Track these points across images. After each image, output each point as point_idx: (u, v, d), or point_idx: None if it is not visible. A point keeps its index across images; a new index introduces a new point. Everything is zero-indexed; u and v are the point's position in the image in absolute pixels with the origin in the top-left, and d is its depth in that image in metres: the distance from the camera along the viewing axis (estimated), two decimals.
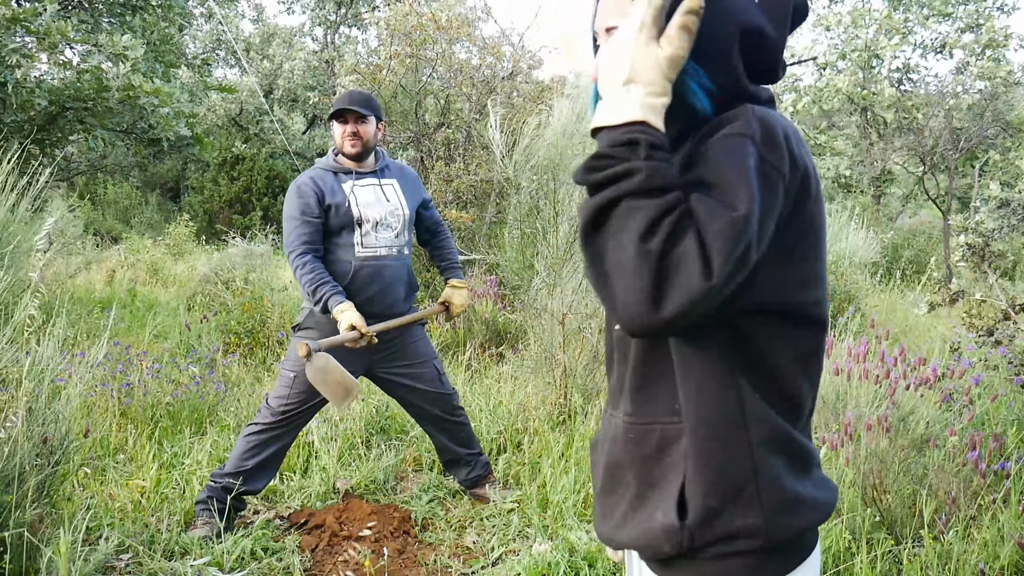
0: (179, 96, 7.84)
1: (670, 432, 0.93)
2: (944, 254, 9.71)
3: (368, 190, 2.77)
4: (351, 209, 2.70)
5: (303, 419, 2.80)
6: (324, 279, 2.62)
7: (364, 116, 2.73)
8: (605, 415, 1.06)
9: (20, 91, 6.30)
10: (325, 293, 2.59)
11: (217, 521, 2.66)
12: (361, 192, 2.75)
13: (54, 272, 6.69)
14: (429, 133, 6.35)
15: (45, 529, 2.23)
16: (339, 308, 2.58)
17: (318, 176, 2.73)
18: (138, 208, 16.44)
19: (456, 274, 3.03)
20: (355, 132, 2.73)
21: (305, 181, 2.70)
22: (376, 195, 2.77)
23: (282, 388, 2.73)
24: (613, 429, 1.01)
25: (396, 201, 2.82)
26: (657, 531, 0.91)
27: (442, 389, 2.93)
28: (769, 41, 0.95)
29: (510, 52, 6.38)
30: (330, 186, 2.71)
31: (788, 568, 0.92)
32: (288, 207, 2.70)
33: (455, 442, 3.00)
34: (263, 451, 2.73)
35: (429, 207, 3.04)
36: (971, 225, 3.26)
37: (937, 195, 11.42)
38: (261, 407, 2.79)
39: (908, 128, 11.05)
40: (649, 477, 0.94)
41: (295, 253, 2.64)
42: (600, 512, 1.03)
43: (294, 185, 2.71)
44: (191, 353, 4.83)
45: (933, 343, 4.10)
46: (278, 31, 19.71)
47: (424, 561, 2.61)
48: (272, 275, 7.00)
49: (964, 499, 2.30)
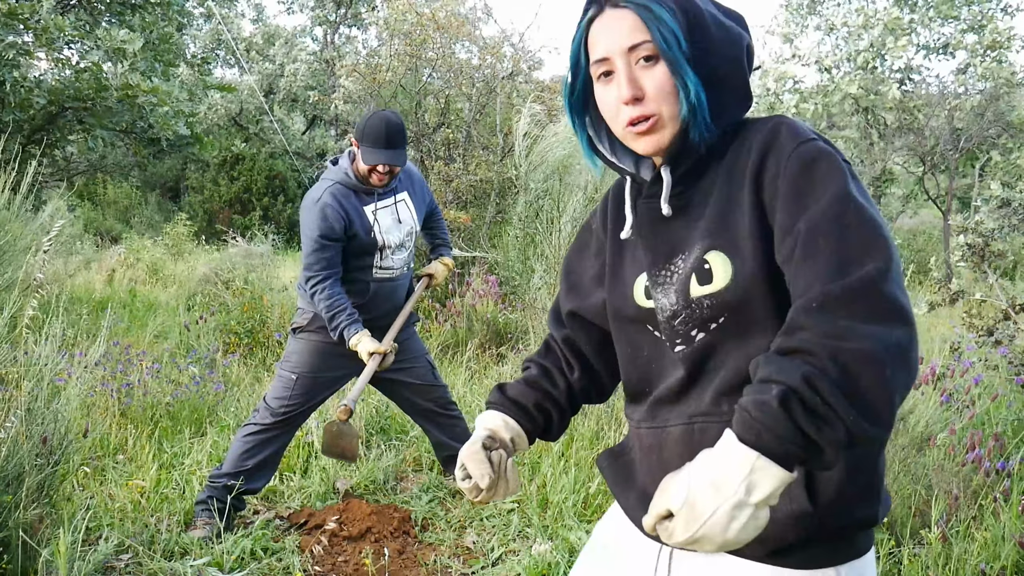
0: (178, 95, 7.84)
1: None
2: (944, 254, 9.71)
3: (386, 212, 2.71)
4: (376, 237, 2.66)
5: (302, 419, 2.82)
6: (341, 307, 2.60)
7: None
8: (645, 429, 1.03)
9: (19, 90, 6.30)
10: (341, 323, 2.61)
11: (217, 521, 2.66)
12: (382, 216, 2.69)
13: (54, 272, 6.68)
14: (429, 133, 6.35)
15: (45, 529, 2.23)
16: (354, 341, 2.62)
17: (341, 195, 2.59)
18: (138, 208, 16.44)
19: (447, 252, 3.09)
20: (389, 171, 2.62)
21: (330, 203, 2.56)
22: (393, 217, 2.73)
23: (282, 390, 2.72)
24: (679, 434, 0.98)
25: (409, 218, 2.81)
26: (783, 520, 0.88)
27: (435, 382, 2.98)
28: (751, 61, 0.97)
29: (510, 52, 6.37)
30: (355, 208, 2.61)
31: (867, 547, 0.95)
32: (310, 227, 2.57)
33: (450, 437, 3.02)
34: (262, 451, 2.73)
35: (433, 203, 3.06)
36: (971, 225, 3.26)
37: (937, 195, 11.42)
38: (258, 407, 2.79)
39: (909, 128, 11.06)
40: None
41: (315, 279, 2.59)
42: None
43: (319, 206, 2.56)
44: (191, 353, 4.82)
45: (933, 343, 4.10)
46: (280, 32, 19.71)
47: (424, 561, 2.61)
48: (272, 275, 7.01)
49: (964, 499, 2.30)
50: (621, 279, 1.06)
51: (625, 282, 1.05)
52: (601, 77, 0.95)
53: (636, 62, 0.92)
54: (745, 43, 0.95)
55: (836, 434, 0.71)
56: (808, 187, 0.85)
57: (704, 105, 0.91)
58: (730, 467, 0.72)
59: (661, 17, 0.90)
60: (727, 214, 0.93)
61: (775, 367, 0.75)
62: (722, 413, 0.93)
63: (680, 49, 0.90)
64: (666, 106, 0.92)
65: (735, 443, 0.74)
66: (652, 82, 0.92)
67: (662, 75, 0.91)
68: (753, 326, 0.91)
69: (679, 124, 0.93)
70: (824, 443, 0.71)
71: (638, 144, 0.95)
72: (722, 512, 0.71)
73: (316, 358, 2.73)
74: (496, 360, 4.81)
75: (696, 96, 0.90)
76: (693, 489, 0.73)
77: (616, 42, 0.92)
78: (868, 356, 0.73)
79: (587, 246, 1.16)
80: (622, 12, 0.92)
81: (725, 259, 0.91)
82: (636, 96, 0.92)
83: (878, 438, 0.73)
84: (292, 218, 15.79)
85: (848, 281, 0.77)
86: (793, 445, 0.72)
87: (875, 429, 0.73)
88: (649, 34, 0.90)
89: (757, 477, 0.72)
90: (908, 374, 0.75)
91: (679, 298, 0.95)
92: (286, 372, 2.73)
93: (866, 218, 0.82)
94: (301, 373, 2.69)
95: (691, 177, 0.97)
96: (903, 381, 0.74)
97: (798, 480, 0.90)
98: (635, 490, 1.05)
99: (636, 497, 1.04)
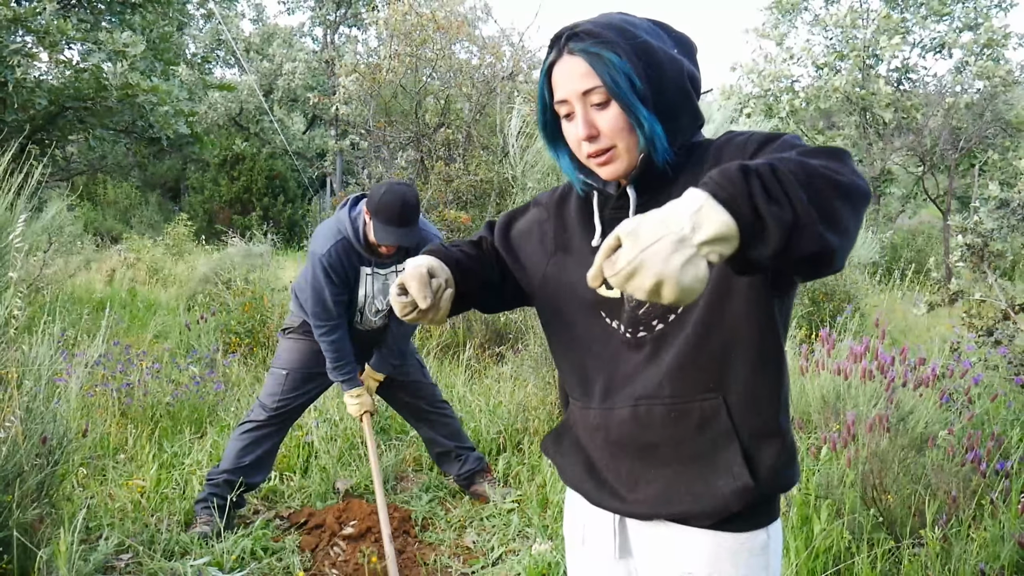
0: (178, 94, 7.85)
1: (707, 408, 1.03)
2: (944, 254, 9.71)
3: (379, 279, 2.77)
4: (358, 297, 2.76)
5: (296, 414, 2.91)
6: (344, 360, 2.76)
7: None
8: (592, 410, 1.13)
9: (20, 91, 6.31)
10: (344, 374, 2.78)
11: (217, 519, 2.68)
12: (373, 283, 2.76)
13: (54, 272, 6.68)
14: (429, 133, 6.35)
15: (45, 529, 2.23)
16: (348, 396, 2.83)
17: (345, 255, 2.65)
18: (138, 208, 16.45)
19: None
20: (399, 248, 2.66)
21: (336, 263, 2.63)
22: (384, 283, 2.78)
23: (274, 386, 2.84)
24: (626, 415, 1.08)
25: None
26: (726, 494, 1.02)
27: (424, 379, 3.04)
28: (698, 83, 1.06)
29: (510, 52, 6.37)
30: (353, 269, 2.69)
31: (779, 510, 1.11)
32: (316, 283, 2.65)
33: (442, 434, 3.06)
34: (258, 448, 2.81)
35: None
36: (970, 225, 3.26)
37: (937, 195, 11.42)
38: (253, 407, 2.89)
39: (907, 128, 11.06)
40: (690, 451, 1.05)
41: (322, 328, 2.71)
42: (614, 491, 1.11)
43: (324, 262, 2.62)
44: (191, 353, 4.83)
45: (933, 343, 4.10)
46: (278, 31, 19.70)
47: (424, 561, 2.61)
48: (272, 275, 7.01)
49: (964, 499, 2.30)
50: (584, 266, 1.13)
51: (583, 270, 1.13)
52: (565, 116, 1.04)
53: (592, 105, 1.01)
54: (687, 71, 1.03)
55: (784, 214, 0.75)
56: (775, 145, 0.94)
57: (661, 136, 1.00)
58: (680, 206, 0.76)
59: (611, 62, 0.97)
60: None
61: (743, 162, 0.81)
62: (664, 396, 1.04)
63: (633, 90, 0.98)
64: (620, 141, 1.01)
65: (691, 190, 0.77)
66: (606, 122, 1.00)
67: (615, 115, 1.00)
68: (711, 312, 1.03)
69: (636, 153, 1.02)
70: (770, 219, 0.75)
71: (600, 171, 1.05)
72: (665, 242, 0.74)
73: (305, 356, 2.85)
74: (496, 360, 4.81)
75: (651, 130, 0.99)
76: (643, 221, 0.76)
77: (571, 87, 1.01)
78: (832, 176, 0.79)
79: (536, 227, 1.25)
80: (576, 59, 1.00)
81: None
82: (591, 135, 1.01)
83: (820, 237, 0.77)
84: (292, 218, 15.79)
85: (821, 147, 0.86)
86: (743, 203, 0.75)
87: (828, 233, 0.77)
88: (600, 80, 0.98)
89: (703, 216, 0.75)
90: (854, 214, 0.81)
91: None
92: (277, 369, 2.86)
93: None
94: (291, 369, 2.83)
95: (654, 191, 1.06)
96: (851, 213, 0.80)
97: (741, 460, 1.01)
98: (580, 461, 1.17)
99: (582, 468, 1.16)
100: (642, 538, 1.14)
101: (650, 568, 1.13)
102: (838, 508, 2.31)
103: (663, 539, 1.10)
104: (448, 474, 3.15)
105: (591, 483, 1.15)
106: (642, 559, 1.14)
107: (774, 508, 1.08)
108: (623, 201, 1.08)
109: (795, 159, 0.80)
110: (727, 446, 1.03)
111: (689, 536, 1.07)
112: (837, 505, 2.31)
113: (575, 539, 1.26)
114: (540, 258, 1.20)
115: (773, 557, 1.08)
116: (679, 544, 1.08)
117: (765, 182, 0.76)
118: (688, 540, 1.07)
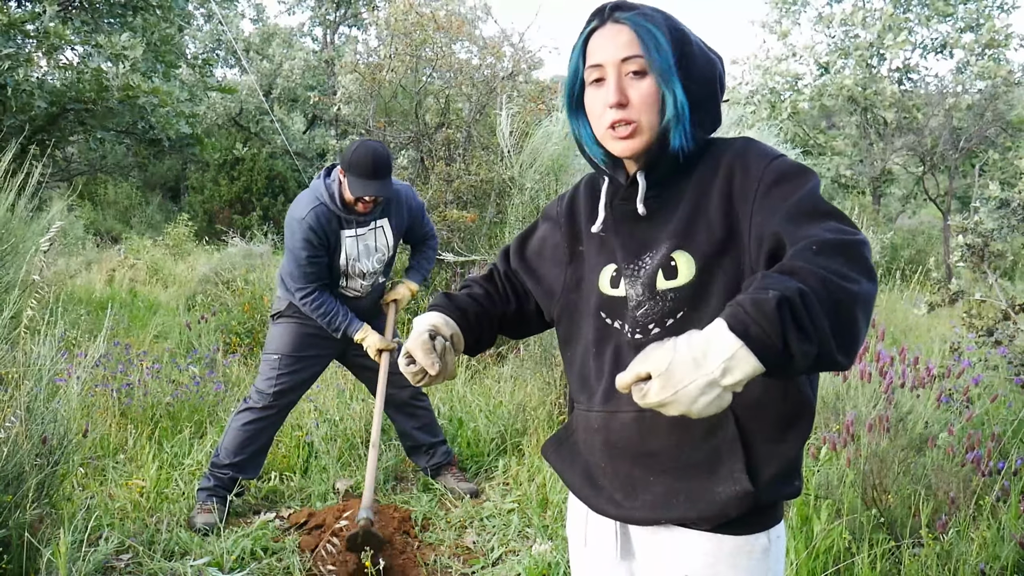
0: (179, 95, 7.85)
1: (714, 417, 1.02)
2: (944, 254, 9.70)
3: (361, 240, 2.81)
4: (340, 262, 2.79)
5: (292, 400, 2.94)
6: (334, 310, 2.79)
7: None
8: (593, 412, 1.13)
9: (20, 94, 6.31)
10: (340, 324, 2.80)
11: (216, 513, 2.75)
12: (356, 245, 2.80)
13: (55, 272, 6.69)
14: (429, 133, 6.35)
15: (45, 529, 2.23)
16: (359, 336, 2.84)
17: (324, 217, 2.70)
18: (138, 208, 16.45)
19: (413, 277, 3.14)
20: (373, 200, 2.72)
21: (313, 225, 2.68)
22: (366, 244, 2.82)
23: (269, 371, 2.87)
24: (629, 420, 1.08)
25: (384, 245, 2.90)
26: (726, 500, 1.02)
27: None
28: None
29: (510, 52, 6.37)
30: (334, 233, 2.73)
31: (782, 514, 1.12)
32: (295, 245, 2.70)
33: (419, 428, 3.12)
34: (258, 439, 2.88)
35: (423, 219, 3.08)
36: (970, 225, 3.26)
37: (937, 195, 11.41)
38: (249, 396, 2.91)
39: (908, 128, 11.05)
40: (691, 457, 1.05)
41: (304, 291, 2.75)
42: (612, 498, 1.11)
43: (304, 225, 2.67)
44: (191, 353, 4.83)
45: (933, 343, 4.10)
46: (278, 31, 19.69)
47: (424, 561, 2.61)
48: (272, 275, 7.00)
49: (964, 499, 2.30)
50: (588, 267, 1.16)
51: (591, 269, 1.16)
52: (593, 82, 1.05)
53: (626, 74, 1.02)
54: (719, 73, 1.08)
55: (811, 349, 0.79)
56: (789, 189, 0.98)
57: (687, 113, 1.03)
58: (714, 349, 0.79)
59: (655, 35, 1.01)
60: (695, 220, 1.05)
61: (773, 280, 0.82)
62: None
63: (669, 64, 1.01)
64: (646, 115, 1.03)
65: (724, 330, 0.80)
66: (637, 93, 1.02)
67: (648, 88, 1.02)
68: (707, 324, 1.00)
69: (655, 134, 1.04)
70: (798, 353, 0.78)
71: (615, 146, 1.05)
72: (695, 386, 0.79)
73: (295, 339, 2.88)
74: (496, 360, 4.81)
75: (682, 106, 1.02)
76: (676, 360, 0.80)
77: (611, 53, 1.03)
78: (851, 294, 0.82)
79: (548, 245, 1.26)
80: (621, 27, 1.03)
81: (689, 258, 1.04)
82: (620, 102, 1.02)
83: (835, 363, 0.82)
84: None
85: (840, 237, 0.88)
86: (774, 346, 0.78)
87: (843, 358, 0.81)
88: (642, 50, 1.01)
89: (735, 363, 0.78)
90: (867, 322, 0.86)
91: (645, 290, 1.06)
92: (269, 355, 2.89)
93: (837, 208, 0.96)
94: (283, 353, 2.86)
95: (664, 183, 1.08)
96: (864, 326, 0.85)
97: (742, 467, 1.02)
98: (579, 467, 1.17)
99: (581, 474, 1.16)
100: (643, 540, 1.14)
101: (650, 570, 1.13)
102: (838, 508, 2.31)
103: (663, 542, 1.11)
104: (417, 465, 3.24)
105: (590, 489, 1.16)
106: (643, 561, 1.15)
107: (777, 512, 1.09)
108: (632, 191, 1.10)
109: (819, 274, 0.82)
110: (732, 453, 1.03)
111: (689, 538, 1.07)
112: (837, 505, 2.31)
113: (577, 540, 1.27)
114: (558, 272, 1.23)
115: (774, 560, 1.08)
116: (679, 546, 1.08)
117: (796, 315, 0.78)
118: (688, 542, 1.08)
